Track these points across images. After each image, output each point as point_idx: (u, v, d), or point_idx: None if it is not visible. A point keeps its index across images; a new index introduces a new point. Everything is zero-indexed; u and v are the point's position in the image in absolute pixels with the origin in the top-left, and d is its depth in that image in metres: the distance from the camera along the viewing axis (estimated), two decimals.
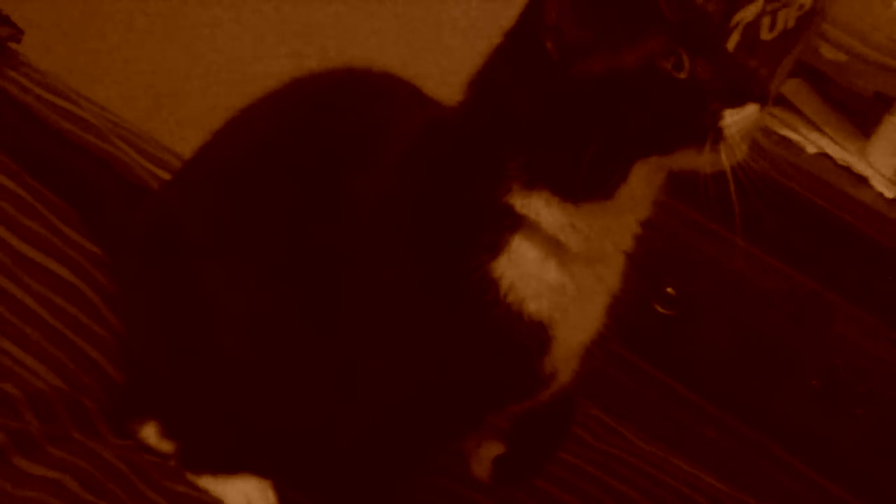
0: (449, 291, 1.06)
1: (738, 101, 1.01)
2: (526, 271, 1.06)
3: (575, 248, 1.05)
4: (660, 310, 1.92)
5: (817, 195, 1.80)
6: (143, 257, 1.29)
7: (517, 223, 1.05)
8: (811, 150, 1.88)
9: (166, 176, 1.55)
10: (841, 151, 1.89)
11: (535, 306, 1.07)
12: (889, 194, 1.83)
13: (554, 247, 1.05)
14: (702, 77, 1.00)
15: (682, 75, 1.00)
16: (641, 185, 1.03)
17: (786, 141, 1.89)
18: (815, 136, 1.90)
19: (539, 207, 1.03)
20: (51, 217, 1.45)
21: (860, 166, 1.87)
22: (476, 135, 1.05)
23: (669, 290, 1.91)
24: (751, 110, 1.01)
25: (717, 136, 1.00)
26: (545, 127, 1.00)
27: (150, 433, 1.29)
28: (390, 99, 1.20)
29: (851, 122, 1.96)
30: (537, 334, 1.07)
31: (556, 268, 1.06)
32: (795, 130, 1.91)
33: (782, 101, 1.95)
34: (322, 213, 1.13)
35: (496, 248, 1.05)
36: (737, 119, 1.00)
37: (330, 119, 1.19)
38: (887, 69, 1.92)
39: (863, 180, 1.85)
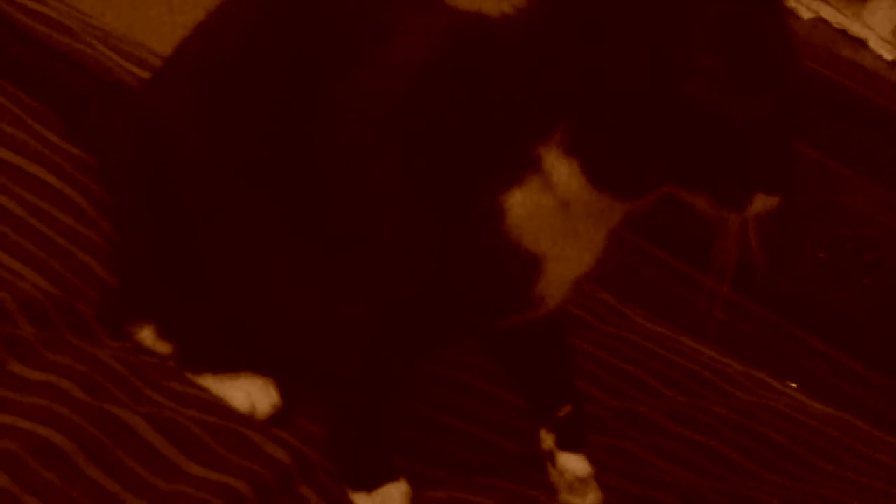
0: (455, 208, 1.05)
1: (774, 191, 1.03)
2: (534, 211, 1.05)
3: (579, 213, 1.05)
4: None
5: (815, 61, 1.76)
6: (128, 158, 1.27)
7: (539, 168, 1.03)
8: (807, 15, 1.84)
9: (145, 75, 1.51)
10: (837, 15, 1.85)
11: (533, 241, 1.06)
12: (889, 56, 1.79)
13: (562, 202, 1.05)
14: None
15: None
16: (659, 195, 1.05)
17: None
18: (810, 0, 1.86)
19: (563, 173, 1.02)
20: (33, 123, 1.41)
21: (857, 29, 1.83)
22: (536, 80, 1.02)
23: None
24: (776, 200, 1.04)
25: (742, 208, 1.03)
26: (618, 118, 0.99)
27: (147, 335, 1.27)
28: None
29: None
30: (530, 265, 1.07)
31: (564, 216, 1.06)
32: None
33: None
34: (317, 107, 1.11)
35: (512, 182, 1.04)
36: (761, 204, 1.03)
37: (321, 10, 1.16)
38: None
39: (861, 43, 1.82)
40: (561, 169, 1.02)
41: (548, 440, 1.22)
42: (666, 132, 0.98)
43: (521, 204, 1.04)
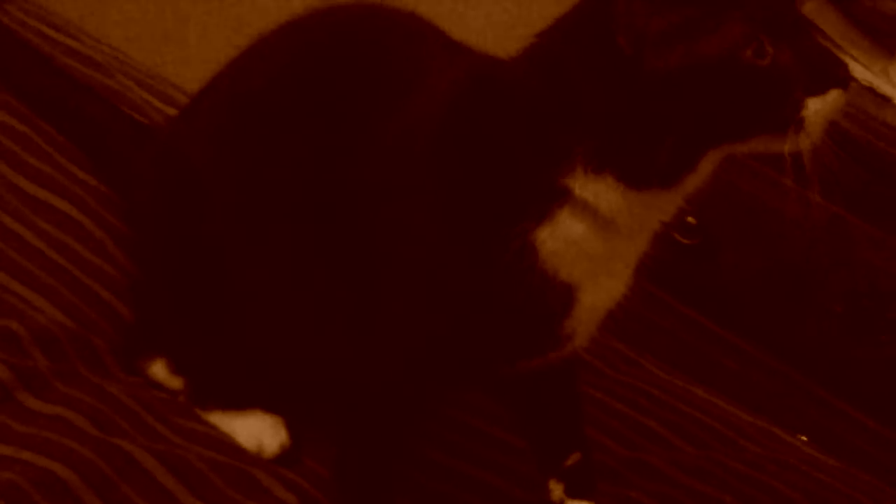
0: (483, 249, 1.05)
1: (821, 89, 0.99)
2: (568, 241, 1.04)
3: (624, 227, 1.04)
4: (680, 240, 1.90)
5: (839, 116, 1.76)
6: (153, 194, 1.28)
7: (568, 199, 1.03)
8: None
9: (173, 112, 1.53)
10: (864, 72, 1.85)
11: (568, 273, 1.06)
12: None
13: (602, 223, 1.04)
14: (784, 64, 0.98)
15: (764, 63, 0.97)
16: (707, 169, 1.02)
17: None
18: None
19: (600, 192, 1.01)
20: (56, 155, 1.43)
21: (884, 87, 1.83)
22: (540, 113, 1.02)
23: (690, 219, 1.88)
24: (833, 96, 0.99)
25: (798, 125, 0.99)
26: (618, 117, 0.99)
27: (159, 370, 1.28)
28: (416, 38, 1.18)
29: (875, 42, 1.91)
30: (564, 297, 1.07)
31: (600, 241, 1.05)
32: None
33: None
34: (346, 149, 1.12)
35: (542, 217, 1.04)
36: (819, 107, 0.99)
37: (351, 53, 1.17)
38: None
39: (887, 101, 1.82)
40: (596, 188, 1.01)
41: (557, 490, 1.22)
42: (670, 105, 0.97)
43: (553, 237, 1.04)
